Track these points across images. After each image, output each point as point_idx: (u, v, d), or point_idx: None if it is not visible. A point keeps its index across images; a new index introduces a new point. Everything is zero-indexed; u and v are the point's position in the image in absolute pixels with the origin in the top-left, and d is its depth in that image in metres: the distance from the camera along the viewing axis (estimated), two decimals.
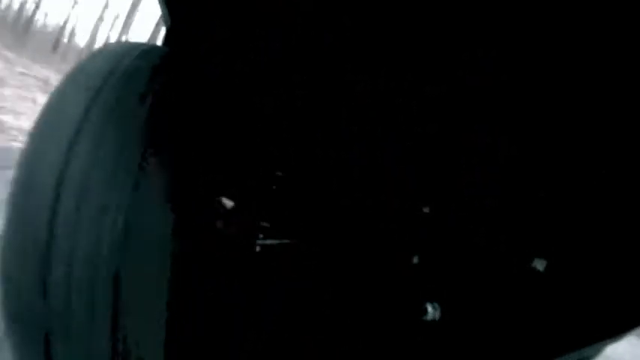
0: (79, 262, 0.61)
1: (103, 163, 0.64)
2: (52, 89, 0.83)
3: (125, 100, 0.71)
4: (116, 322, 0.63)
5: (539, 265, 0.90)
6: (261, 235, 1.13)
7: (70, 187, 0.62)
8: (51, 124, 0.68)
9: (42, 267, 0.60)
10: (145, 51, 0.84)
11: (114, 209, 0.63)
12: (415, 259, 1.10)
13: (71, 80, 0.75)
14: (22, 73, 8.47)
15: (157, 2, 0.89)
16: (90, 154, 0.64)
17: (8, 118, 4.80)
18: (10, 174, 0.69)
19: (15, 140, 4.02)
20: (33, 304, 0.60)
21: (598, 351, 0.90)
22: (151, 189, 0.70)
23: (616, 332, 0.83)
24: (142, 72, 0.78)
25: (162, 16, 0.97)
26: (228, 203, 1.21)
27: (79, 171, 0.62)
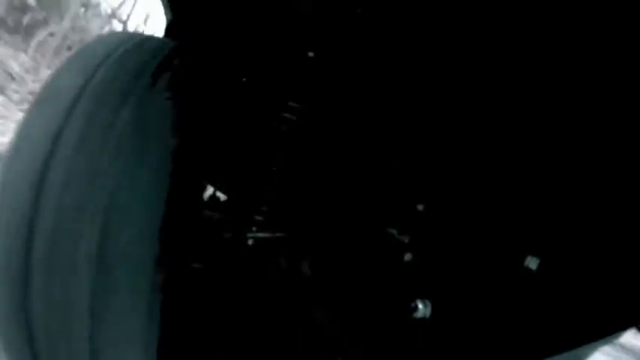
0: (58, 258, 0.60)
1: (85, 164, 0.63)
2: None
3: (112, 95, 0.69)
4: (95, 320, 0.63)
5: (532, 263, 0.89)
6: (254, 228, 1.12)
7: (52, 187, 0.61)
8: (37, 117, 0.67)
9: (23, 269, 0.60)
10: (140, 42, 0.83)
11: (92, 209, 0.62)
12: (408, 257, 1.09)
13: (65, 69, 0.75)
14: None
15: None
16: (74, 152, 0.63)
17: None
18: None
19: None
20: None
21: (590, 351, 0.89)
22: (134, 185, 0.68)
23: (608, 333, 0.81)
24: (134, 63, 0.77)
25: (163, 9, 0.97)
26: (222, 197, 1.20)
27: (61, 169, 0.61)
